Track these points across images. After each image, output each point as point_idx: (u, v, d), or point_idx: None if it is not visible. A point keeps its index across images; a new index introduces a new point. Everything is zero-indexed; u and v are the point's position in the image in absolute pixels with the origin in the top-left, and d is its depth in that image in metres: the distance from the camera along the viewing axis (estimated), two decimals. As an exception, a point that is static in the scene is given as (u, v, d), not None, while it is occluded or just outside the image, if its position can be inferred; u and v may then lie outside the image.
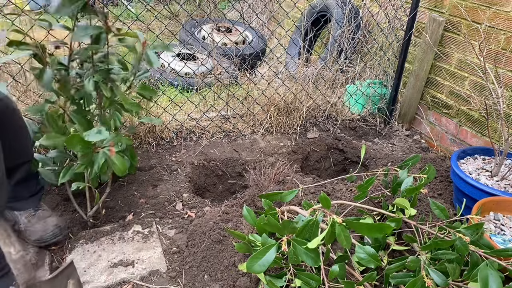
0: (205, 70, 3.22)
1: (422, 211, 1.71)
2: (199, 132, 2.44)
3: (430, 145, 2.61)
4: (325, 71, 3.00)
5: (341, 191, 1.88)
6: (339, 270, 1.20)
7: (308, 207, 1.43)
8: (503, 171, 1.84)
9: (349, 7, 3.04)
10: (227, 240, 1.53)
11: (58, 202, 1.78)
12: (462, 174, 1.75)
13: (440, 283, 1.13)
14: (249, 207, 1.46)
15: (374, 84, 2.87)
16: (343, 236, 1.15)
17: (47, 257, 1.47)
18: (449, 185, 2.06)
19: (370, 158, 2.36)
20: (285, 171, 2.05)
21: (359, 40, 3.09)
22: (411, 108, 2.70)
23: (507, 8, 2.04)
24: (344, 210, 1.65)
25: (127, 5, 4.95)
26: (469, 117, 2.33)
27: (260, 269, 1.13)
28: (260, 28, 4.44)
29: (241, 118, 2.62)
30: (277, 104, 2.58)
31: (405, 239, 1.38)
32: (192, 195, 1.90)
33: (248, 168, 2.16)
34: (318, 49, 4.00)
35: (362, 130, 2.73)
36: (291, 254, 1.16)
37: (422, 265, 1.18)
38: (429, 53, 2.48)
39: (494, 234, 1.52)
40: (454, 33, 2.37)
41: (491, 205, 1.63)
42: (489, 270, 1.05)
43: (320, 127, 2.66)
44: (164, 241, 1.62)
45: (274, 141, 2.47)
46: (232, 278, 1.39)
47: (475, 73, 2.24)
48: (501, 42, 2.09)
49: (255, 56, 3.67)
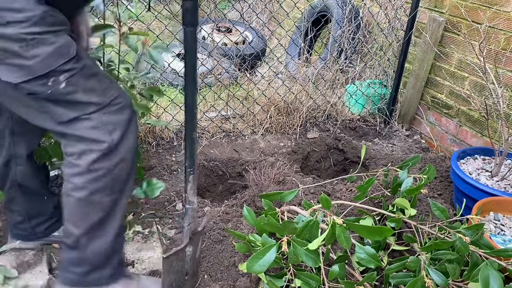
0: (205, 70, 3.22)
1: (422, 211, 1.71)
2: (199, 132, 2.44)
3: (430, 145, 2.61)
4: (325, 71, 3.00)
5: (341, 191, 1.88)
6: (339, 270, 1.20)
7: (308, 207, 1.43)
8: (503, 171, 1.84)
9: (349, 7, 3.04)
10: (227, 240, 1.53)
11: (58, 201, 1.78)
12: (462, 174, 1.75)
13: (440, 283, 1.13)
14: (249, 207, 1.46)
15: (374, 84, 2.87)
16: (343, 237, 1.15)
17: (45, 256, 1.47)
18: (449, 185, 2.06)
19: (370, 158, 2.36)
20: (285, 171, 2.05)
21: (359, 40, 3.09)
22: (411, 108, 2.70)
23: (507, 8, 2.04)
24: (344, 210, 1.65)
25: (127, 5, 4.95)
26: (469, 117, 2.33)
27: (260, 269, 1.13)
28: (260, 28, 4.45)
29: (241, 118, 2.61)
30: (277, 104, 2.58)
31: (405, 239, 1.38)
32: (192, 195, 1.90)
33: (248, 168, 2.15)
34: (318, 49, 4.00)
35: (362, 130, 2.73)
36: (291, 254, 1.16)
37: (422, 265, 1.18)
38: (429, 53, 2.48)
39: (494, 234, 1.52)
40: (454, 33, 2.37)
41: (491, 205, 1.62)
42: (490, 270, 1.05)
43: (320, 127, 2.66)
44: (164, 241, 1.62)
45: (274, 141, 2.47)
46: (232, 278, 1.39)
47: (475, 73, 2.24)
48: (501, 42, 2.09)
49: (255, 56, 3.67)
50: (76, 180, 1.05)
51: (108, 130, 1.04)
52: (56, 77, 0.94)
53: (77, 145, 1.04)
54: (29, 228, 1.41)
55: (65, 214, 1.12)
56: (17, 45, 0.88)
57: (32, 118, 1.05)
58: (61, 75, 0.94)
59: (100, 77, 1.05)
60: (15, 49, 0.88)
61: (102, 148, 1.03)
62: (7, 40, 0.87)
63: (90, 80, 1.01)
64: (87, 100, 1.00)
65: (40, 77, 0.92)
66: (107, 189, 1.09)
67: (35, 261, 1.45)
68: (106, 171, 1.06)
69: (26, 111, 1.03)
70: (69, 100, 0.99)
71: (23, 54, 0.89)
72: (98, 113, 1.02)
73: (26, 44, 0.88)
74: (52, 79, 0.93)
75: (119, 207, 1.15)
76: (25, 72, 0.91)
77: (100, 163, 1.04)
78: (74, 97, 0.99)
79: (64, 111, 1.00)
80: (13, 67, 0.90)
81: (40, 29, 0.89)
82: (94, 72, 1.03)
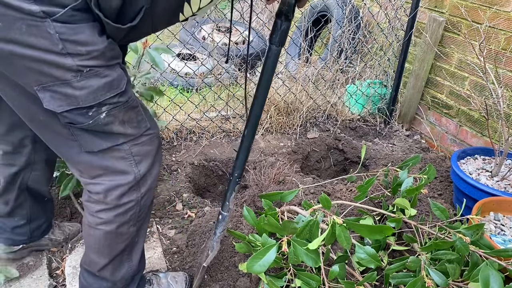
0: (205, 70, 3.22)
1: (422, 211, 1.71)
2: (199, 132, 2.44)
3: (430, 145, 2.61)
4: (325, 71, 3.00)
5: (341, 191, 1.88)
6: (339, 270, 1.20)
7: (308, 207, 1.43)
8: (503, 171, 1.84)
9: (349, 7, 3.04)
10: (227, 240, 1.53)
11: (58, 201, 1.78)
12: (462, 174, 1.75)
13: (440, 283, 1.13)
14: (249, 207, 1.46)
15: (374, 84, 2.87)
16: (343, 236, 1.15)
17: (45, 258, 1.47)
18: (449, 185, 2.06)
19: (370, 158, 2.36)
20: (285, 171, 2.05)
21: (359, 40, 3.09)
22: (411, 108, 2.70)
23: (507, 8, 2.04)
24: (344, 210, 1.64)
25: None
26: (469, 117, 2.33)
27: (260, 269, 1.13)
28: (260, 28, 4.44)
29: (241, 118, 2.61)
30: (277, 104, 2.58)
31: (405, 239, 1.38)
32: (192, 195, 1.90)
33: (248, 168, 2.15)
34: (318, 49, 4.00)
35: (362, 130, 2.73)
36: (291, 254, 1.16)
37: (423, 265, 1.18)
38: (429, 53, 2.48)
39: (494, 234, 1.51)
40: (454, 33, 2.37)
41: (491, 205, 1.62)
42: (490, 270, 1.05)
43: (320, 127, 2.66)
44: (164, 241, 1.62)
45: (274, 141, 2.47)
46: (232, 278, 1.39)
47: (475, 73, 2.23)
48: (501, 42, 2.09)
49: (256, 56, 3.67)
50: (103, 215, 1.04)
51: (136, 162, 1.02)
52: (99, 108, 0.91)
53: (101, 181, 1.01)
54: (28, 231, 1.40)
55: (88, 244, 1.12)
56: (70, 74, 0.84)
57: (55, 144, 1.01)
58: (104, 106, 0.91)
59: (139, 109, 1.02)
60: (67, 77, 0.84)
61: (129, 180, 1.01)
62: (62, 68, 0.84)
63: (129, 112, 0.98)
64: (123, 131, 0.98)
65: (84, 108, 0.89)
66: (134, 219, 1.08)
67: (35, 264, 1.44)
68: (134, 204, 1.05)
69: (53, 137, 0.99)
70: (105, 130, 0.95)
71: (73, 84, 0.85)
72: (129, 143, 1.00)
73: (80, 75, 0.85)
74: (94, 109, 0.90)
75: (143, 232, 1.18)
76: (70, 102, 0.87)
77: (128, 197, 1.03)
78: (111, 128, 0.95)
79: (96, 141, 0.96)
80: (59, 95, 0.86)
81: (98, 63, 0.87)
82: (135, 105, 1.00)
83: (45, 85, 0.85)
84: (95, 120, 0.91)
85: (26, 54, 0.80)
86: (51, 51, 0.81)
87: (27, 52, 0.80)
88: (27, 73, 0.84)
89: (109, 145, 0.97)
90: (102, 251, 1.10)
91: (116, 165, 1.00)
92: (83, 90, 0.87)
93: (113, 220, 1.04)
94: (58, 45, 0.80)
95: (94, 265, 1.13)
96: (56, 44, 0.80)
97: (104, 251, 1.10)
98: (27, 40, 0.79)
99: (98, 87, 0.88)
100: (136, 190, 1.04)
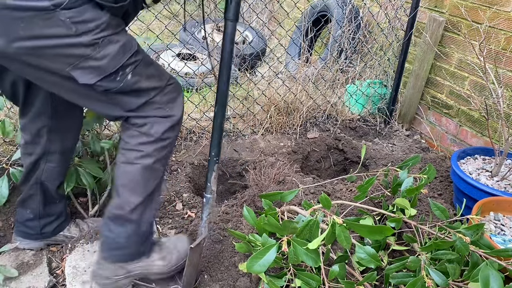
0: (205, 70, 3.22)
1: (422, 211, 1.71)
2: (199, 132, 2.44)
3: (430, 145, 2.61)
4: (325, 71, 3.00)
5: (341, 191, 1.88)
6: (339, 270, 1.20)
7: (308, 207, 1.43)
8: (503, 171, 1.84)
9: (350, 7, 3.04)
10: (227, 240, 1.53)
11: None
12: (462, 174, 1.75)
13: (440, 283, 1.13)
14: (249, 207, 1.46)
15: (374, 84, 2.87)
16: (343, 236, 1.15)
17: (45, 257, 1.47)
18: (449, 185, 2.06)
19: (370, 158, 2.36)
20: (285, 171, 2.05)
21: (359, 40, 3.09)
22: (411, 108, 2.70)
23: (507, 8, 2.04)
24: (344, 210, 1.64)
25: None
26: (469, 117, 2.33)
27: (261, 269, 1.13)
28: (260, 28, 4.44)
29: (241, 118, 2.61)
30: (277, 104, 2.58)
31: (405, 239, 1.38)
32: (192, 195, 1.90)
33: (248, 168, 2.15)
34: (318, 49, 4.00)
35: (362, 130, 2.73)
36: (291, 254, 1.16)
37: (422, 265, 1.18)
38: (429, 53, 2.48)
39: (494, 234, 1.52)
40: (454, 33, 2.37)
41: (491, 205, 1.62)
42: (490, 270, 1.05)
43: (320, 127, 2.66)
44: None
45: (274, 141, 2.47)
46: (232, 278, 1.39)
47: (475, 73, 2.23)
48: (501, 42, 2.09)
49: (255, 56, 3.67)
50: (145, 147, 1.15)
51: (170, 108, 1.17)
52: (124, 71, 1.05)
53: (148, 118, 1.15)
54: (38, 226, 1.45)
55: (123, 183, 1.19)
56: (90, 49, 0.98)
57: (102, 109, 1.15)
58: (127, 68, 1.06)
59: (156, 64, 1.17)
60: (88, 53, 0.98)
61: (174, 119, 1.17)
62: (81, 46, 0.97)
63: (149, 68, 1.13)
64: (150, 86, 1.12)
65: (111, 74, 1.03)
66: (166, 159, 1.21)
67: (35, 262, 1.44)
68: (171, 141, 1.20)
69: (98, 105, 1.13)
70: (135, 89, 1.10)
71: (95, 56, 0.99)
72: (159, 95, 1.14)
73: (98, 47, 0.98)
74: (120, 73, 1.05)
75: (164, 177, 1.27)
76: (99, 72, 1.01)
77: (169, 133, 1.17)
78: (139, 85, 1.10)
79: (132, 100, 1.11)
80: (87, 70, 1.00)
81: (108, 33, 1.00)
82: (151, 61, 1.15)
83: (73, 64, 0.98)
84: (125, 82, 1.06)
85: (49, 44, 0.94)
86: (68, 35, 0.94)
87: (50, 42, 0.94)
88: (56, 59, 0.98)
89: (143, 100, 1.12)
90: (136, 189, 1.18)
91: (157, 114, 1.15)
92: (104, 59, 1.00)
93: (151, 154, 1.16)
94: (72, 28, 0.94)
95: (126, 205, 1.18)
96: (70, 28, 0.94)
97: (139, 189, 1.18)
98: (46, 32, 0.92)
99: (116, 52, 1.02)
100: (175, 130, 1.19)
